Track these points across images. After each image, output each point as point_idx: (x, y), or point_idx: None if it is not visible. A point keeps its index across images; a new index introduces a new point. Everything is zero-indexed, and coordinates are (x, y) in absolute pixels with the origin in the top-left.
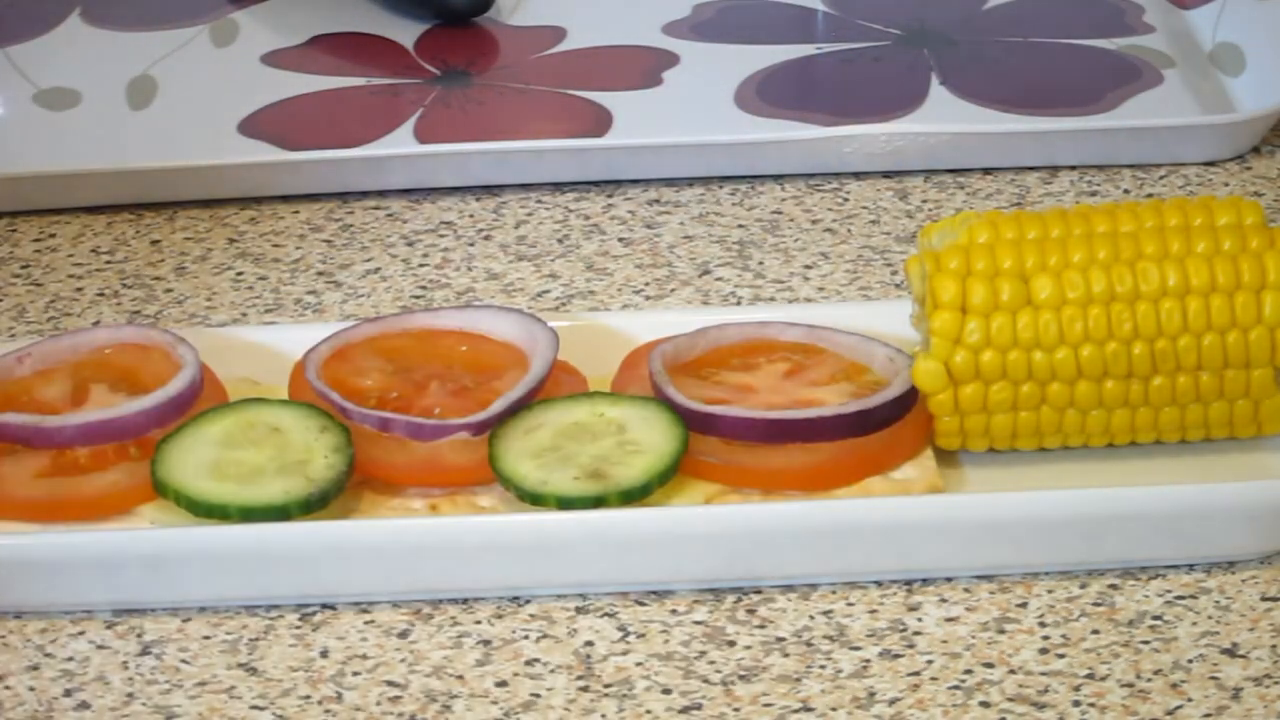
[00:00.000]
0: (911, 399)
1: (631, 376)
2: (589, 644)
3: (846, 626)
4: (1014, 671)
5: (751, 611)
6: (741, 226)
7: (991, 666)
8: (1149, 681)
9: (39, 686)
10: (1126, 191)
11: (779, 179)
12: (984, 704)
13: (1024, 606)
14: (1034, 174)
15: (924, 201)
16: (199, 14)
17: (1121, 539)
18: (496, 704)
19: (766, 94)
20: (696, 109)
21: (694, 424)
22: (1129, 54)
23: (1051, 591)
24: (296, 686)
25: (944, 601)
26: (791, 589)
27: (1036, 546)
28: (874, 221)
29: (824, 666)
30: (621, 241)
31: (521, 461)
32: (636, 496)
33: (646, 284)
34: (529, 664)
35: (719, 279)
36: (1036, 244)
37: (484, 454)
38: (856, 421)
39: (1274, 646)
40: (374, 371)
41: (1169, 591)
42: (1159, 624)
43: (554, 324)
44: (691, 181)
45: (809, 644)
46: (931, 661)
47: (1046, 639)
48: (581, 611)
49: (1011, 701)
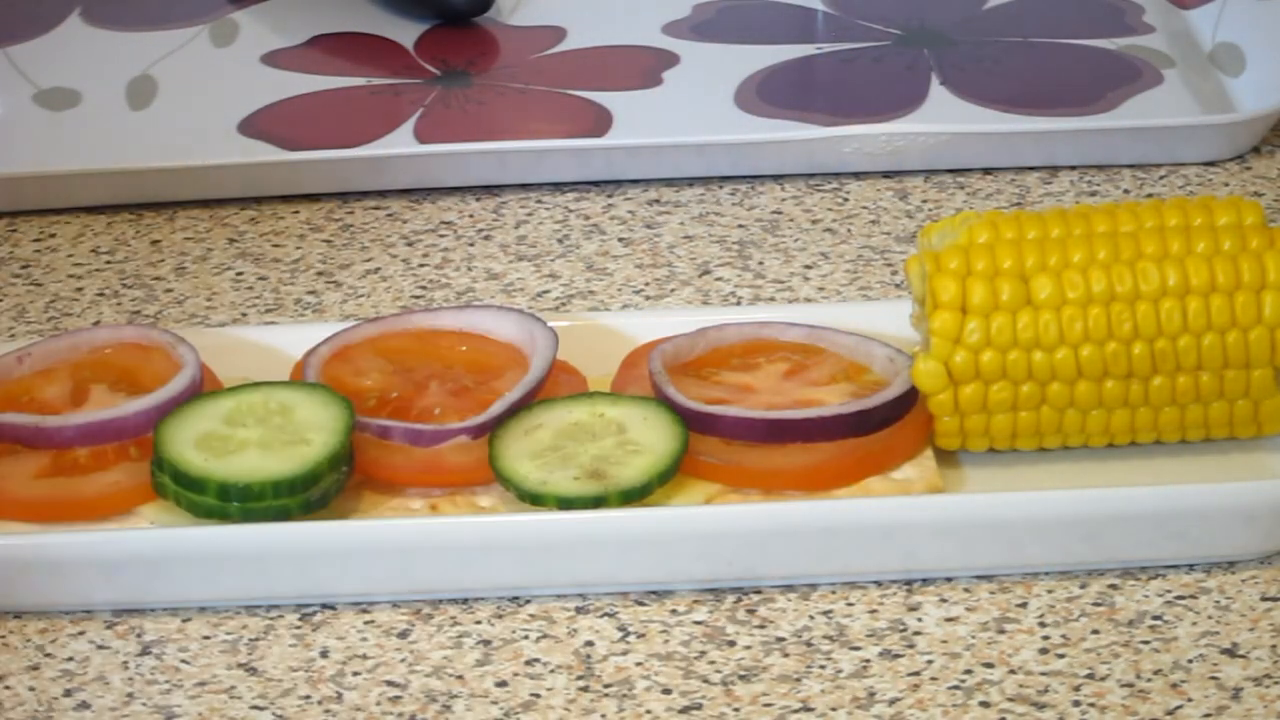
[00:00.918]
0: (911, 399)
1: (631, 376)
2: (589, 644)
3: (846, 626)
4: (1014, 671)
5: (751, 611)
6: (741, 226)
7: (991, 666)
8: (1149, 681)
9: (39, 686)
10: (1126, 191)
11: (779, 179)
12: (984, 704)
13: (1024, 606)
14: (1034, 174)
15: (924, 201)
16: (199, 14)
17: (1121, 539)
18: (496, 704)
19: (766, 94)
20: (696, 109)
21: (694, 424)
22: (1129, 54)
23: (1051, 591)
24: (296, 686)
25: (944, 601)
26: (791, 589)
27: (1036, 546)
28: (874, 221)
29: (824, 666)
30: (621, 241)
31: (521, 462)
32: (637, 496)
33: (646, 284)
34: (529, 664)
35: (719, 279)
36: (1036, 244)
37: (484, 454)
38: (856, 421)
39: (1274, 646)
40: (374, 372)
41: (1169, 591)
42: (1159, 624)
43: (554, 324)
44: (691, 181)
45: (809, 644)
46: (931, 661)
47: (1046, 639)
48: (581, 611)
49: (1011, 701)
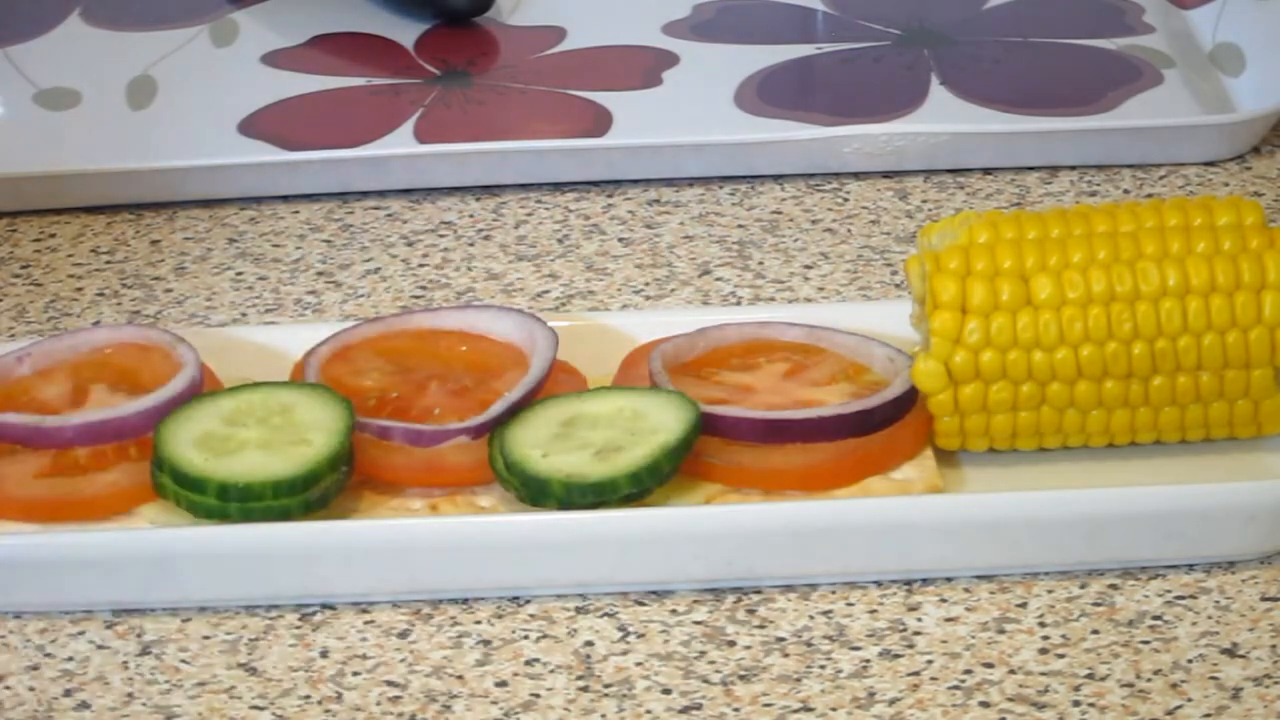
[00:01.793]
0: (911, 399)
1: (631, 376)
2: (589, 644)
3: (846, 626)
4: (1014, 671)
5: (751, 611)
6: (741, 226)
7: (991, 666)
8: (1149, 681)
9: (39, 686)
10: (1126, 191)
11: (779, 179)
12: (984, 704)
13: (1024, 606)
14: (1034, 174)
15: (924, 201)
16: (199, 14)
17: (1121, 539)
18: (496, 704)
19: (766, 94)
20: (696, 109)
21: None
22: (1129, 54)
23: (1051, 591)
24: (296, 686)
25: (944, 601)
26: (791, 589)
27: (1036, 546)
28: (874, 221)
29: (824, 666)
30: (621, 241)
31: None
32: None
33: (646, 284)
34: (529, 664)
35: (719, 279)
36: (1036, 244)
37: (484, 454)
38: (856, 421)
39: (1274, 646)
40: (374, 372)
41: (1169, 591)
42: (1159, 624)
43: (554, 324)
44: (691, 181)
45: (809, 644)
46: (931, 661)
47: (1046, 639)
48: (581, 611)
49: (1011, 701)
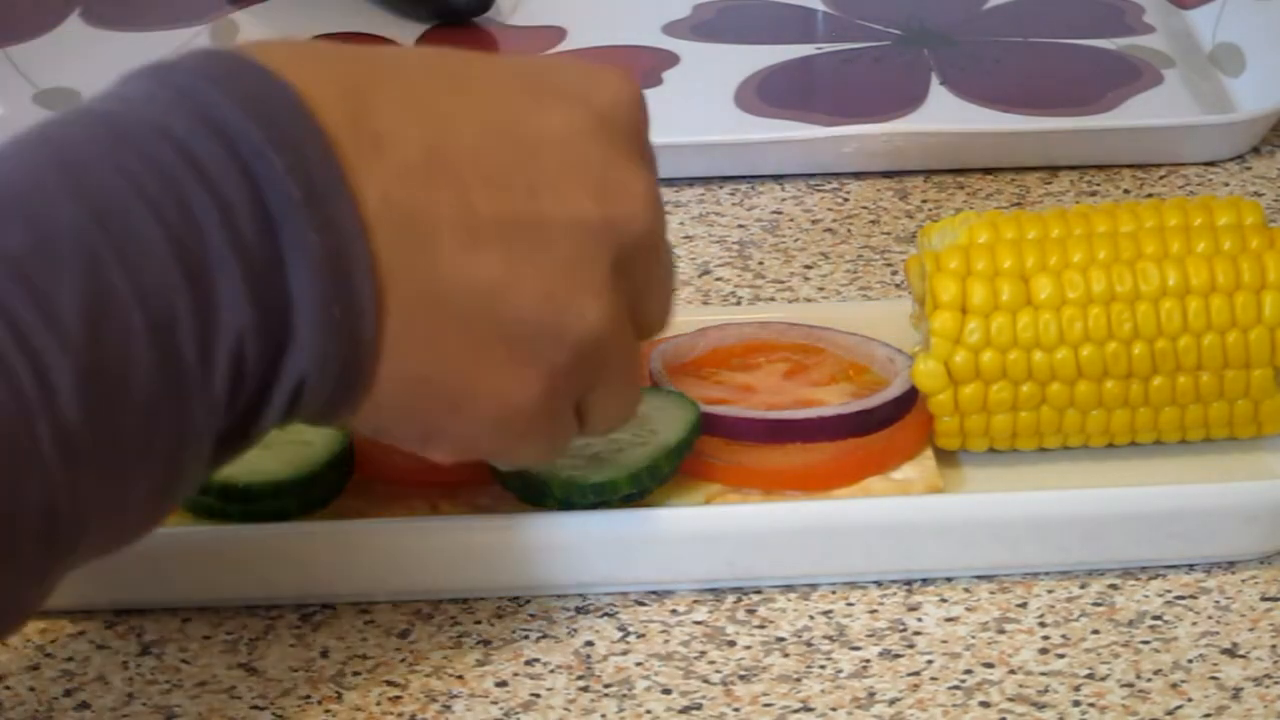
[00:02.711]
0: (911, 399)
1: None
2: (589, 644)
3: (846, 626)
4: (1014, 671)
5: (751, 611)
6: (741, 226)
7: (991, 666)
8: (1149, 681)
9: (39, 686)
10: (1126, 191)
11: (779, 179)
12: (984, 704)
13: (1024, 606)
14: (1034, 174)
15: (924, 201)
16: (199, 14)
17: (1121, 539)
18: (496, 704)
19: (766, 94)
20: (696, 109)
21: None
22: (1129, 54)
23: (1051, 591)
24: (296, 686)
25: (944, 601)
26: (791, 589)
27: (1036, 546)
28: (874, 221)
29: (824, 666)
30: None
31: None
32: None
33: None
34: (529, 664)
35: (719, 279)
36: (1036, 244)
37: None
38: (856, 421)
39: (1274, 646)
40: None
41: (1169, 591)
42: (1159, 624)
43: None
44: (691, 181)
45: (809, 644)
46: (931, 661)
47: (1046, 639)
48: (581, 611)
49: (1011, 701)
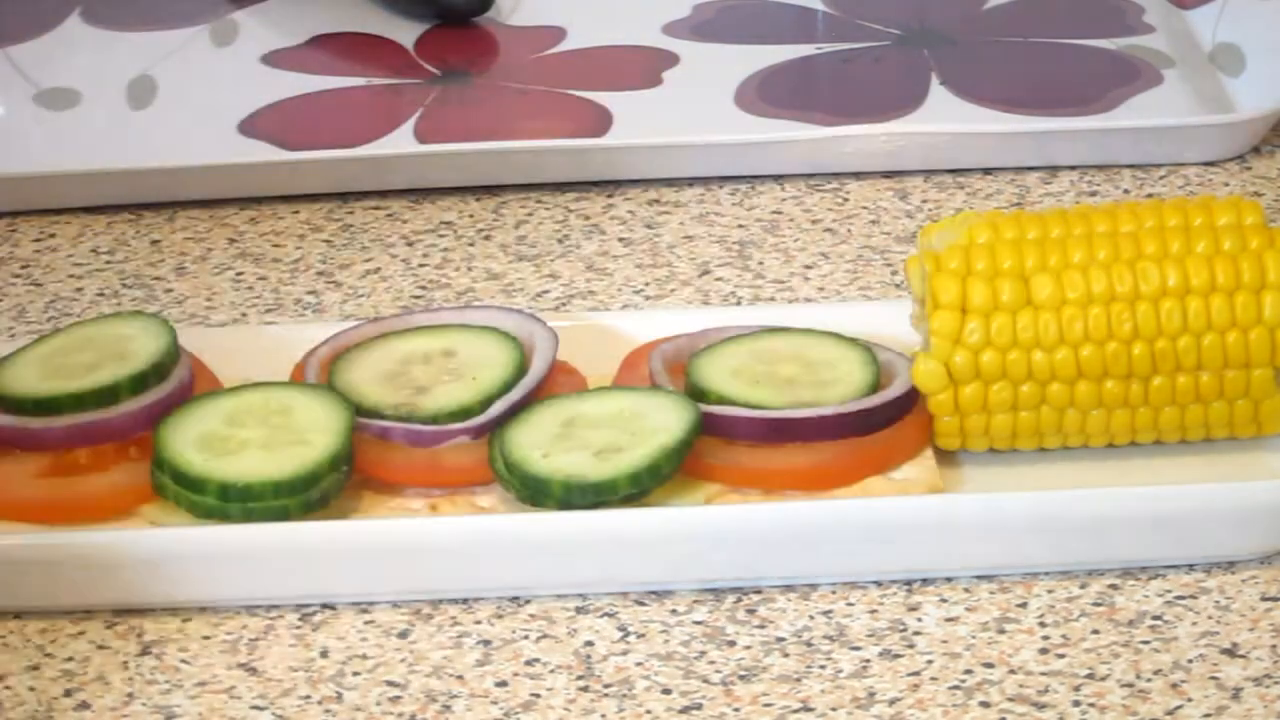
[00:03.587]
0: (911, 399)
1: (631, 376)
2: (589, 644)
3: (846, 626)
4: (1014, 671)
5: (751, 611)
6: (741, 226)
7: (991, 666)
8: (1149, 681)
9: (39, 686)
10: (1126, 191)
11: (779, 179)
12: (984, 704)
13: (1024, 606)
14: (1034, 174)
15: (924, 201)
16: (199, 14)
17: (1121, 539)
18: (496, 704)
19: (766, 94)
20: (696, 109)
21: None
22: (1129, 54)
23: (1051, 591)
24: (296, 686)
25: (944, 601)
26: (791, 589)
27: (1036, 546)
28: (874, 221)
29: (824, 666)
30: (621, 241)
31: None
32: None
33: (646, 284)
34: (529, 664)
35: (719, 279)
36: (1036, 244)
37: (484, 454)
38: (857, 421)
39: (1274, 646)
40: None
41: (1169, 591)
42: (1159, 624)
43: (554, 324)
44: (691, 181)
45: (809, 644)
46: (931, 661)
47: (1046, 639)
48: (581, 611)
49: (1011, 701)
